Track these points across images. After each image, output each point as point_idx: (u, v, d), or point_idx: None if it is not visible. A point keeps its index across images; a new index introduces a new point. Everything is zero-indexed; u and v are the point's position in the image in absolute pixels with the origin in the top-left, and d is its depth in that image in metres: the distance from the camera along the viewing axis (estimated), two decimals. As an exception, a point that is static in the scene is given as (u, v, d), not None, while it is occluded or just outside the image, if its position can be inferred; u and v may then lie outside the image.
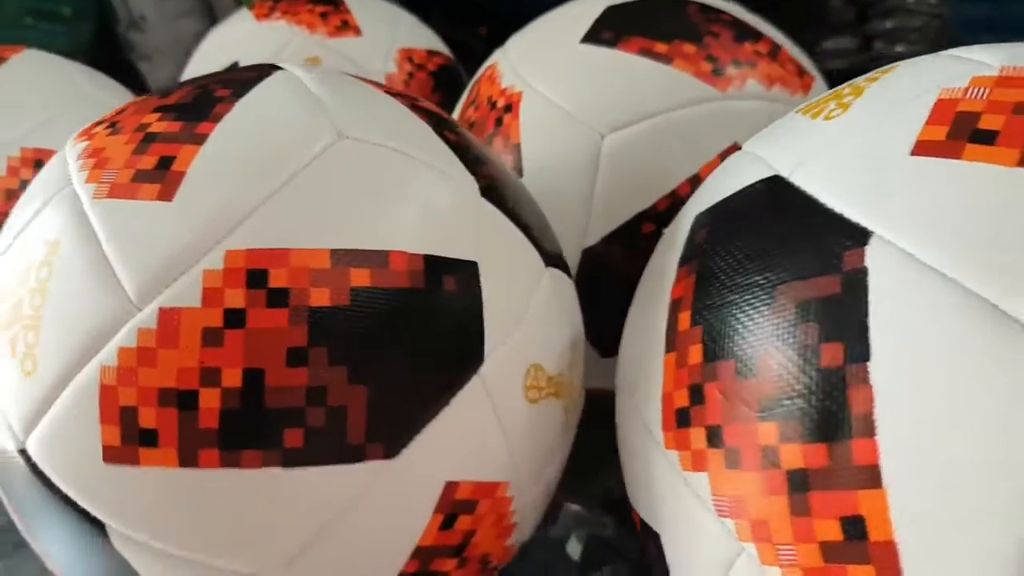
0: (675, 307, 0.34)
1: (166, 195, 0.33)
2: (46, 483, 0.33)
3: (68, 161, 0.36)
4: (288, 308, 0.31)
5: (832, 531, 0.26)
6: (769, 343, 0.29)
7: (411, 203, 0.35)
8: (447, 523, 0.35)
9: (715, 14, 0.53)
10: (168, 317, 0.31)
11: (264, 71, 0.39)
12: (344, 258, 0.32)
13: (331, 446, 0.32)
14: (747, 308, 0.30)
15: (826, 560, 0.27)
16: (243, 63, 0.67)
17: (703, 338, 0.32)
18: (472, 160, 0.39)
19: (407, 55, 0.69)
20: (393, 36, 0.70)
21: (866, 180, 0.29)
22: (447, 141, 0.39)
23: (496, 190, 0.39)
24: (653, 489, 0.34)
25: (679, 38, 0.51)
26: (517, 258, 0.38)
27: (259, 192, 0.33)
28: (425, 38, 0.73)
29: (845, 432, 0.26)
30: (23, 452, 0.33)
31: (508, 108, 0.54)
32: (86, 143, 0.37)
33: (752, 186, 0.33)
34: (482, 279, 0.35)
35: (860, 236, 0.28)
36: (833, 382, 0.26)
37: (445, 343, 0.34)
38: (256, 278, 0.31)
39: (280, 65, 0.40)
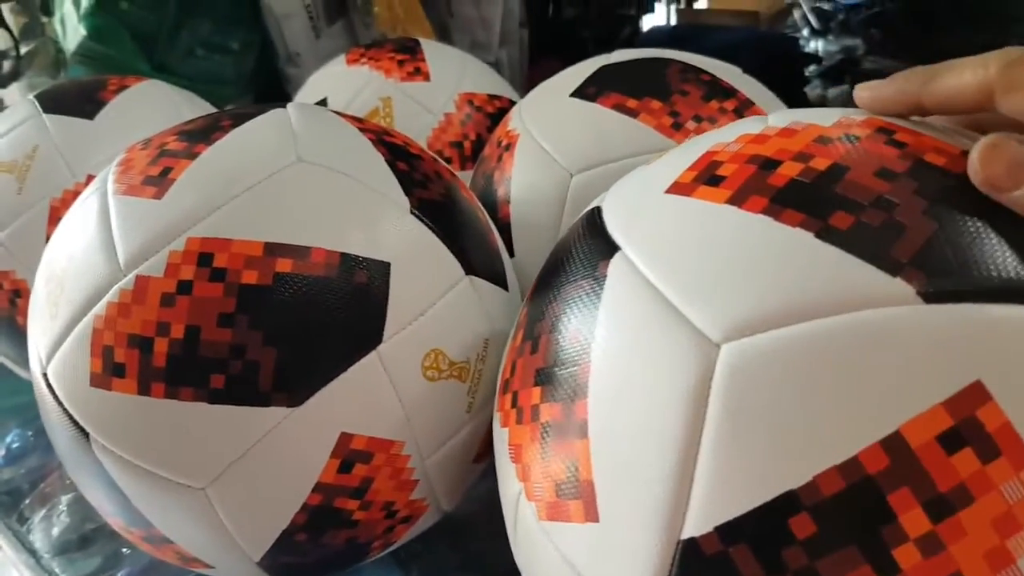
0: (525, 301, 0.42)
1: (159, 195, 0.45)
2: (55, 399, 0.45)
3: (111, 166, 0.49)
4: (224, 283, 0.42)
5: (561, 472, 0.34)
6: (548, 327, 0.37)
7: (341, 213, 0.45)
8: (344, 467, 0.44)
9: (694, 74, 0.60)
10: (141, 282, 0.42)
11: (265, 108, 0.50)
12: (274, 249, 0.42)
13: (246, 391, 0.42)
14: (544, 300, 0.38)
15: (558, 495, 0.34)
16: (330, 100, 0.80)
17: (524, 324, 0.40)
18: (411, 184, 0.48)
19: (467, 98, 0.80)
20: (458, 82, 0.81)
21: (630, 209, 0.37)
22: (394, 169, 0.48)
23: (428, 210, 0.48)
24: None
25: (649, 95, 0.58)
26: (432, 264, 0.47)
27: (222, 197, 0.44)
28: (489, 84, 0.84)
29: (574, 394, 0.33)
30: (44, 376, 0.45)
31: (508, 147, 0.63)
32: (125, 155, 0.49)
33: (589, 210, 0.41)
34: (392, 277, 0.44)
35: (611, 250, 0.35)
36: (573, 357, 0.34)
37: (348, 323, 0.43)
38: (204, 259, 0.42)
39: (285, 105, 0.51)
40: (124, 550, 0.70)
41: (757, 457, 0.28)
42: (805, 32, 1.05)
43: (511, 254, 0.60)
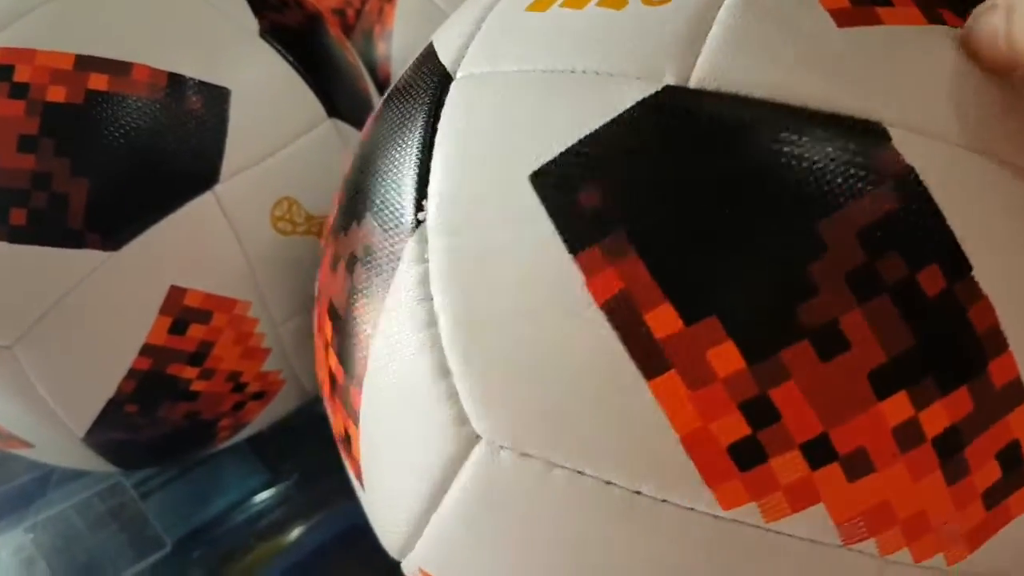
0: (626, 301, 0.22)
1: (-43, 5, 0.37)
2: None
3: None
4: (26, 100, 0.35)
5: (991, 475, 0.22)
6: (842, 297, 0.21)
7: (171, 28, 0.38)
8: (177, 327, 0.38)
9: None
10: (-70, 100, 0.35)
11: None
12: (87, 63, 0.36)
13: (52, 229, 0.35)
14: (787, 263, 0.21)
15: (988, 508, 0.22)
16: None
17: (726, 329, 0.21)
18: (262, 5, 0.42)
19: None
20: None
21: (820, 63, 0.23)
22: (243, -13, 0.42)
23: (283, 37, 0.41)
24: None
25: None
26: (286, 99, 0.41)
27: (27, 4, 0.37)
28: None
29: (981, 359, 0.21)
30: None
31: (391, -2, 0.56)
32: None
33: (637, 111, 0.23)
34: (231, 106, 0.38)
35: (875, 131, 0.22)
36: (949, 311, 0.21)
37: (177, 155, 0.37)
38: (3, 72, 0.35)
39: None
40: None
41: None
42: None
43: (393, 119, 0.54)
